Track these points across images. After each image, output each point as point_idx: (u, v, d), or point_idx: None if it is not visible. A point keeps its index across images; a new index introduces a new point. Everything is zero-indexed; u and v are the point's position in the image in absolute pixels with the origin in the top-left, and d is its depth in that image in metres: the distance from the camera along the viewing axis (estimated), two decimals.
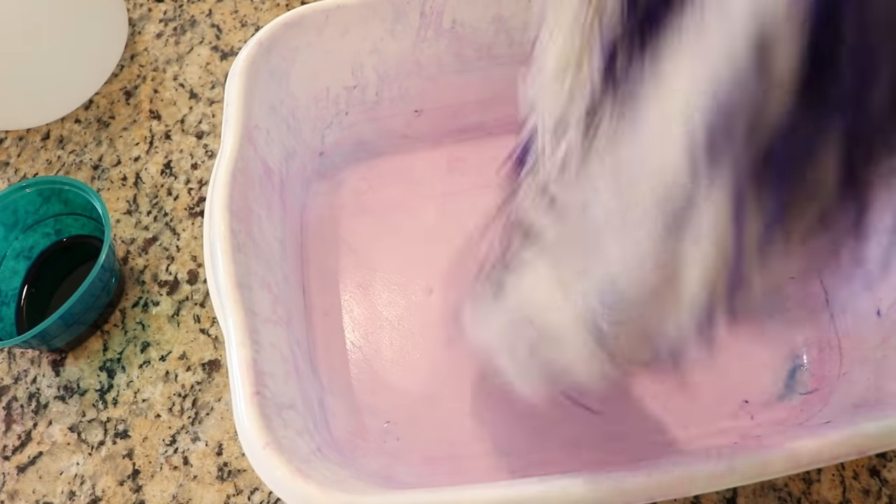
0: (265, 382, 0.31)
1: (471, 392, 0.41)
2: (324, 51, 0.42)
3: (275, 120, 0.41)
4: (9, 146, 0.52)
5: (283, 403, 0.33)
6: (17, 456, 0.42)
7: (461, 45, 0.43)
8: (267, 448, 0.29)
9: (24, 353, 0.45)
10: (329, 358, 0.42)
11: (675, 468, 0.28)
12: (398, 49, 0.43)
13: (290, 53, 0.41)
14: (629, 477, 0.28)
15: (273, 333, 0.35)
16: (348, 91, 0.45)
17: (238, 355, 0.31)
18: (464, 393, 0.41)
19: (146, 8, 0.57)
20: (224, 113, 0.38)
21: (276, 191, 0.41)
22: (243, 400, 0.30)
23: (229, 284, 0.33)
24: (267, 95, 0.40)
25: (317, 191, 0.47)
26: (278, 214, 0.41)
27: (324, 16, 0.41)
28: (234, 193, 0.35)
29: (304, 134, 0.45)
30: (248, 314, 0.32)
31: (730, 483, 0.29)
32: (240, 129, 0.37)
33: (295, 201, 0.44)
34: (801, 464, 0.29)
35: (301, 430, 0.33)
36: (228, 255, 0.33)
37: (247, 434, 0.29)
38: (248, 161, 0.37)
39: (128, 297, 0.46)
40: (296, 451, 0.30)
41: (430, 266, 0.44)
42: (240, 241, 0.34)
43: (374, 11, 0.41)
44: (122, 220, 0.48)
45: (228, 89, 0.38)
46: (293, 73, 0.42)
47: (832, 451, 0.29)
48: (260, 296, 0.35)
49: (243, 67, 0.38)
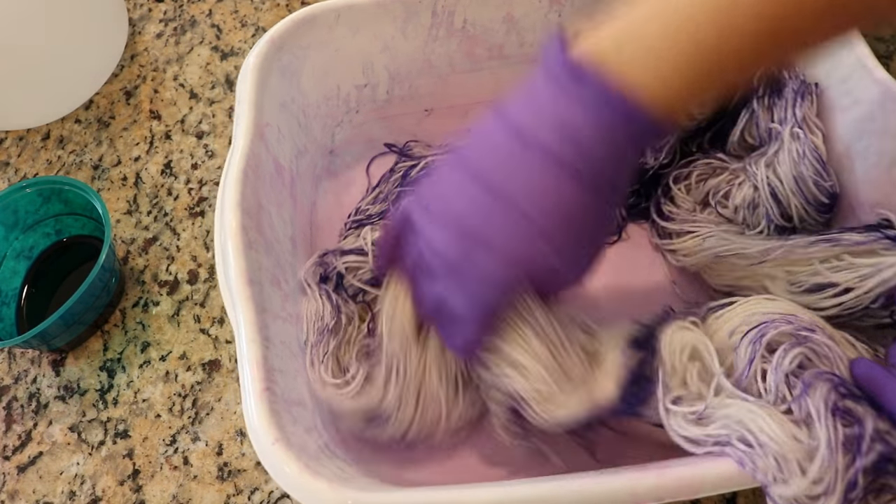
0: (275, 379, 0.31)
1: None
2: (335, 49, 0.42)
3: (286, 117, 0.41)
4: (9, 146, 0.52)
5: (293, 400, 0.33)
6: (18, 456, 0.42)
7: (472, 45, 0.44)
8: (276, 444, 0.29)
9: (25, 353, 0.45)
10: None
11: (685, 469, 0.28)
12: (409, 48, 0.43)
13: (302, 51, 0.41)
14: (636, 477, 0.28)
15: (283, 330, 0.35)
16: (359, 89, 0.45)
17: (248, 351, 0.31)
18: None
19: (146, 8, 0.57)
20: (235, 110, 0.38)
21: (286, 188, 0.41)
22: (253, 396, 0.30)
23: (240, 281, 0.33)
24: (278, 93, 0.40)
25: (327, 188, 0.47)
26: (289, 212, 0.41)
27: (335, 14, 0.41)
28: (246, 190, 0.35)
29: (315, 132, 0.45)
30: (258, 310, 0.32)
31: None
32: (251, 127, 0.37)
33: (305, 199, 0.44)
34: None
35: (310, 427, 0.33)
36: (240, 251, 0.33)
37: (256, 430, 0.29)
38: (259, 158, 0.37)
39: (128, 297, 0.46)
40: (304, 447, 0.30)
41: None
42: (251, 237, 0.34)
43: (386, 10, 0.41)
44: (122, 220, 0.48)
45: (240, 87, 0.38)
46: (304, 70, 0.42)
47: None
48: (270, 292, 0.35)
49: (255, 64, 0.38)
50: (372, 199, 0.44)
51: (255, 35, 0.55)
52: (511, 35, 0.43)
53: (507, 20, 0.43)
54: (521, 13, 0.42)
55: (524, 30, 0.43)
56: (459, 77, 0.45)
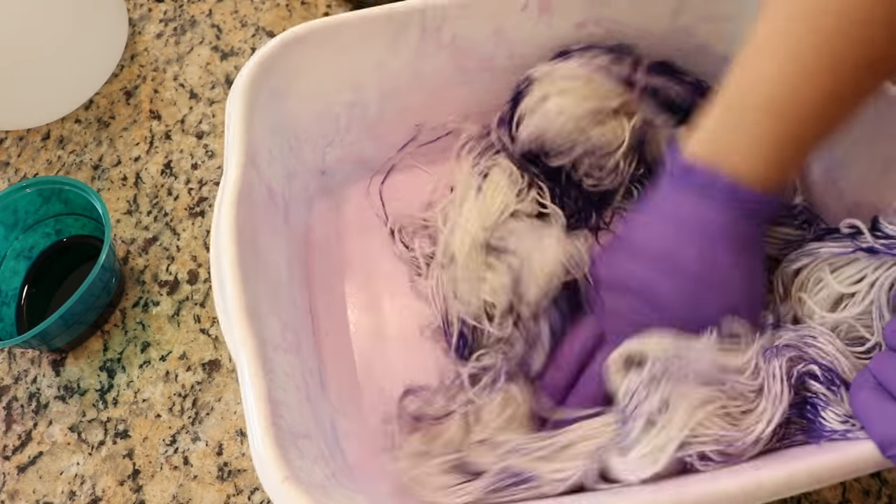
0: (280, 413, 0.31)
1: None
2: (324, 69, 0.41)
3: (276, 140, 0.40)
4: (9, 146, 0.52)
5: (299, 432, 0.32)
6: (18, 456, 0.42)
7: (463, 58, 0.43)
8: (286, 482, 0.29)
9: (25, 353, 0.45)
10: (338, 378, 0.41)
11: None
12: (399, 65, 0.43)
13: (290, 73, 0.40)
14: (654, 498, 0.29)
15: (285, 361, 0.34)
16: (349, 108, 0.44)
17: (252, 386, 0.31)
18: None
19: (146, 8, 0.57)
20: (225, 136, 0.37)
21: (280, 213, 0.40)
22: (260, 432, 0.30)
23: (240, 314, 0.32)
24: (268, 116, 0.39)
25: (320, 210, 0.46)
26: (283, 236, 0.40)
27: (324, 34, 0.40)
28: (240, 220, 0.34)
29: (306, 153, 0.44)
30: (259, 343, 0.32)
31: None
32: (242, 154, 0.36)
33: (299, 221, 0.44)
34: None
35: (316, 457, 0.32)
36: (238, 283, 0.33)
37: (265, 468, 0.29)
38: (252, 186, 0.36)
39: (128, 297, 0.46)
40: (312, 480, 0.30)
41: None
42: (248, 268, 0.34)
43: (374, 29, 0.41)
44: (122, 220, 0.48)
45: (229, 111, 0.37)
46: (293, 91, 0.41)
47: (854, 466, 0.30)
48: (269, 323, 0.34)
49: (243, 88, 0.38)
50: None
51: (255, 35, 0.55)
52: (500, 48, 0.43)
53: (497, 33, 0.42)
54: (510, 25, 0.42)
55: (513, 42, 0.43)
56: (450, 90, 0.45)
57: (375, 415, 0.40)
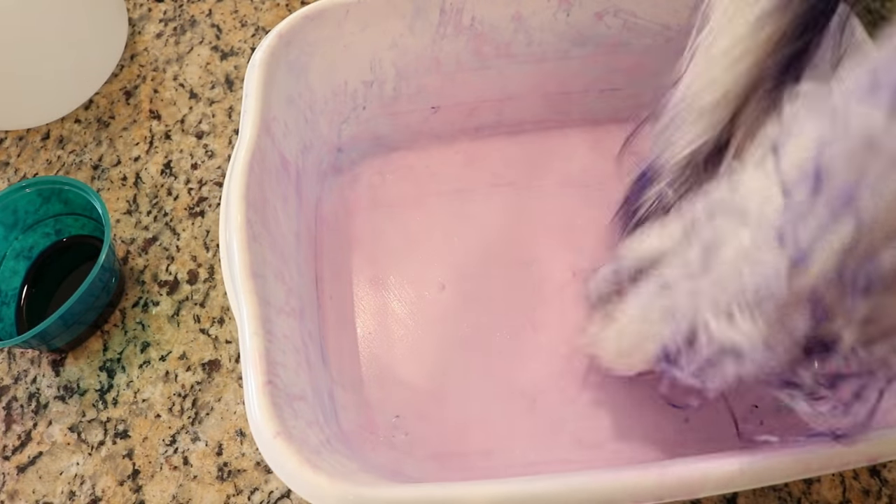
0: (277, 372, 0.31)
1: (480, 389, 0.41)
2: (343, 45, 0.42)
3: (292, 112, 0.41)
4: (9, 146, 0.52)
5: (294, 394, 0.33)
6: (17, 456, 0.42)
7: (480, 43, 0.44)
8: (278, 438, 0.29)
9: (24, 353, 0.45)
10: (339, 351, 0.42)
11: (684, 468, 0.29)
12: (417, 45, 0.43)
13: (310, 47, 0.41)
14: (638, 476, 0.28)
15: (286, 324, 0.35)
16: (366, 86, 0.45)
17: (251, 344, 0.31)
18: (473, 390, 0.41)
19: (146, 8, 0.57)
20: (242, 104, 0.38)
21: (292, 183, 0.41)
22: (255, 389, 0.30)
23: (244, 274, 0.33)
24: (285, 88, 0.40)
25: (332, 185, 0.47)
26: (294, 206, 0.41)
27: (344, 10, 0.41)
28: (252, 183, 0.35)
29: (321, 127, 0.45)
30: (262, 304, 0.32)
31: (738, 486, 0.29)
32: (258, 120, 0.37)
33: (311, 194, 0.44)
34: (811, 469, 0.29)
35: (311, 421, 0.33)
36: (244, 244, 0.33)
37: (258, 423, 0.29)
38: (265, 152, 0.37)
39: (128, 297, 0.46)
40: (306, 441, 0.30)
41: (443, 262, 0.45)
42: (255, 231, 0.34)
43: (395, 7, 0.41)
44: (122, 220, 0.48)
45: (248, 80, 0.38)
46: (312, 66, 0.42)
47: (842, 459, 0.29)
48: (274, 286, 0.35)
49: (263, 59, 0.38)
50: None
51: (255, 35, 0.55)
52: (519, 34, 0.43)
53: (516, 19, 0.43)
54: (530, 12, 0.42)
55: (532, 29, 0.43)
56: (467, 75, 0.45)
57: (374, 388, 0.40)
